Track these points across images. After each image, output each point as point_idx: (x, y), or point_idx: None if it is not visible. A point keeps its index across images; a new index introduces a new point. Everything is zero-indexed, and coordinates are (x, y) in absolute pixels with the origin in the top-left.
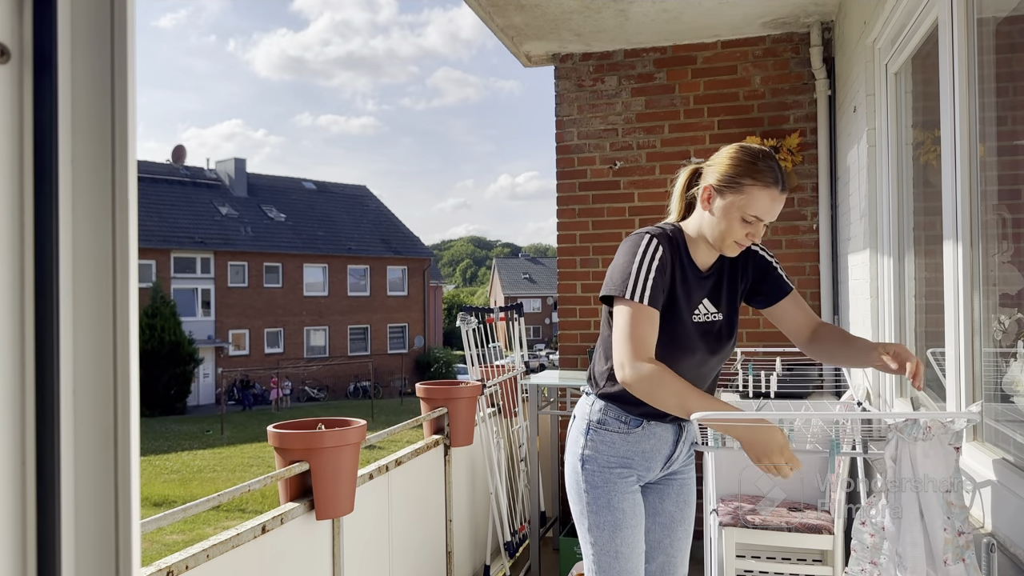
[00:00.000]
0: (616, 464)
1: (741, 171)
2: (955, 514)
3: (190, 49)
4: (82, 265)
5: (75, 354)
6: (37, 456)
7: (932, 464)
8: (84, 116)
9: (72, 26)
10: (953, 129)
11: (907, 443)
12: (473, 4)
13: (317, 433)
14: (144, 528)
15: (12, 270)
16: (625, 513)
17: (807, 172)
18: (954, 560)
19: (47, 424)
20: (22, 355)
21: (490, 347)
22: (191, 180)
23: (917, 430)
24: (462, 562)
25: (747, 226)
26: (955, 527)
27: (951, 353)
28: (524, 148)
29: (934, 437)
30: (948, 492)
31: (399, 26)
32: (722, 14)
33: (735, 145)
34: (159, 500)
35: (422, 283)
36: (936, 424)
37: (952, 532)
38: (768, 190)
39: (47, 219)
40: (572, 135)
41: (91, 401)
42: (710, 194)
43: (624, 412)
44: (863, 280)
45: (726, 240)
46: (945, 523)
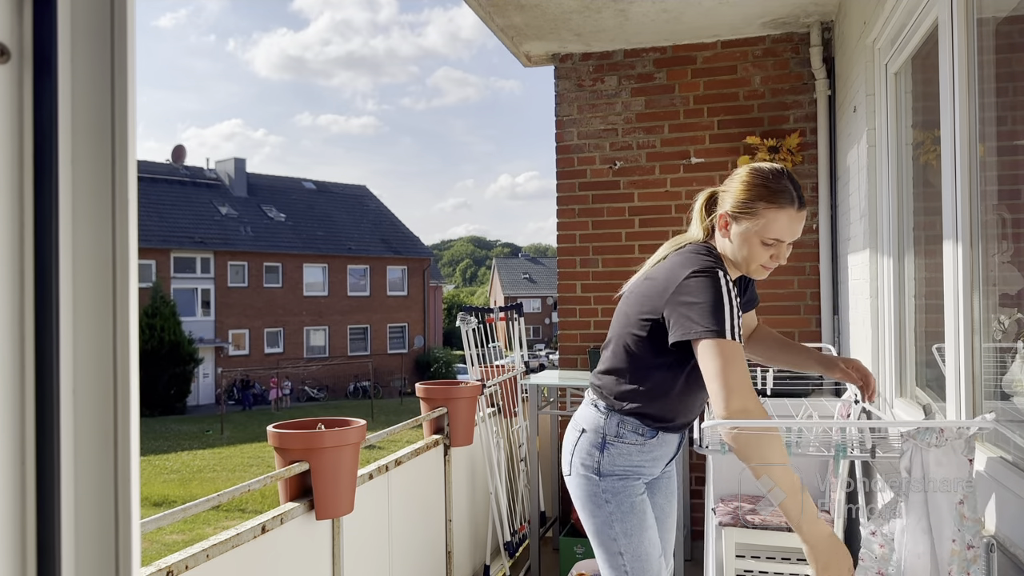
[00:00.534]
0: (631, 473)
1: (754, 195)
2: (966, 527)
3: (190, 49)
4: (82, 265)
5: (75, 354)
6: (37, 456)
7: (944, 472)
8: (84, 116)
9: (72, 26)
10: (953, 129)
11: (920, 450)
12: (473, 4)
13: (317, 433)
14: (144, 528)
15: (12, 270)
16: (646, 514)
17: (807, 172)
18: (959, 573)
19: (47, 424)
20: (22, 355)
21: (490, 347)
22: (191, 180)
23: (931, 435)
24: (462, 562)
25: (769, 248)
26: (964, 540)
27: (951, 353)
28: (524, 148)
29: (947, 443)
30: (961, 504)
31: (399, 26)
32: (722, 14)
33: (747, 168)
34: (159, 500)
35: (422, 283)
36: (950, 429)
37: (961, 544)
38: (784, 211)
39: (47, 219)
40: (572, 135)
41: (91, 401)
42: (727, 221)
43: (642, 425)
44: (863, 280)
45: (751, 265)
46: (955, 534)
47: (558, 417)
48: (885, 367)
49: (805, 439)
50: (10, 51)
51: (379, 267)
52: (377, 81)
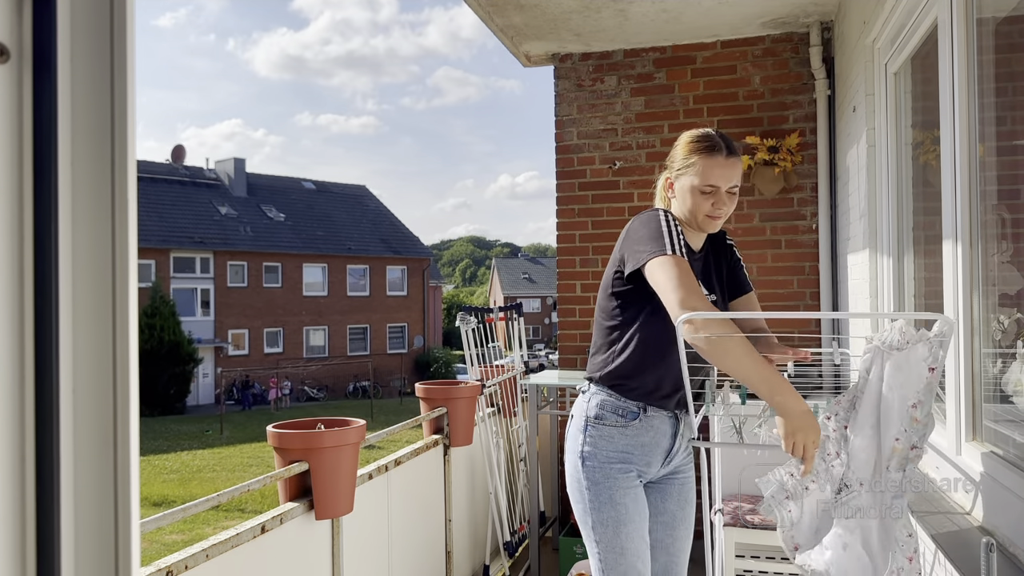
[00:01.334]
0: (616, 459)
1: (688, 151)
2: (915, 429)
3: (190, 48)
4: (82, 265)
5: (75, 354)
6: (37, 456)
7: (903, 377)
8: (84, 116)
9: (72, 26)
10: (952, 129)
11: (881, 354)
12: (473, 4)
13: (316, 433)
14: (144, 528)
15: (12, 270)
16: (628, 508)
17: (807, 172)
18: (896, 468)
19: (47, 424)
20: (22, 355)
21: (490, 347)
22: (191, 180)
23: (892, 338)
24: (461, 562)
25: (709, 197)
26: (910, 440)
27: (950, 353)
28: (525, 148)
29: (908, 347)
30: (914, 407)
31: (400, 25)
32: (721, 14)
33: (683, 134)
34: (159, 500)
35: (422, 283)
36: (910, 332)
37: (905, 443)
38: (714, 158)
39: (47, 219)
40: (572, 135)
41: (91, 401)
42: (671, 182)
43: (621, 404)
44: (863, 280)
45: (699, 216)
46: (900, 433)
47: (558, 417)
48: None
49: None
50: (10, 51)
51: (379, 267)
52: (377, 81)
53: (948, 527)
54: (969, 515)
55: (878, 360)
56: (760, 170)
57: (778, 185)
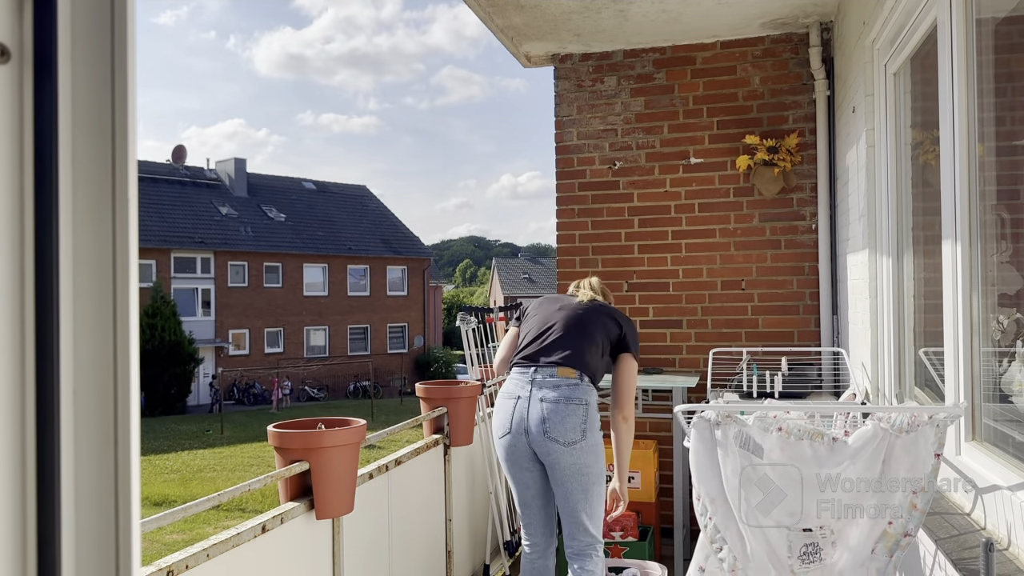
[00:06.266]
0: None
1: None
2: (913, 516)
3: (190, 47)
4: (82, 265)
5: (75, 354)
6: (37, 456)
7: (909, 461)
8: (84, 116)
9: (72, 26)
10: (952, 129)
11: (889, 436)
12: (472, 4)
13: (317, 433)
14: (144, 528)
15: (12, 270)
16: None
17: (806, 172)
18: (882, 552)
19: (47, 424)
20: (22, 355)
21: (490, 347)
22: (191, 180)
23: (901, 421)
24: (462, 561)
25: None
26: (904, 527)
27: (950, 353)
28: (527, 147)
29: (917, 430)
30: (915, 494)
31: (404, 23)
32: (721, 15)
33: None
34: (159, 500)
35: (422, 283)
36: (920, 417)
37: (899, 529)
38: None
39: (47, 219)
40: (572, 135)
41: (91, 401)
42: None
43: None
44: (862, 280)
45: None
46: (894, 517)
47: None
48: (884, 367)
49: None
50: (10, 51)
51: (379, 267)
52: (379, 80)
53: (948, 527)
54: (969, 516)
55: (884, 443)
56: (760, 170)
57: (778, 185)
